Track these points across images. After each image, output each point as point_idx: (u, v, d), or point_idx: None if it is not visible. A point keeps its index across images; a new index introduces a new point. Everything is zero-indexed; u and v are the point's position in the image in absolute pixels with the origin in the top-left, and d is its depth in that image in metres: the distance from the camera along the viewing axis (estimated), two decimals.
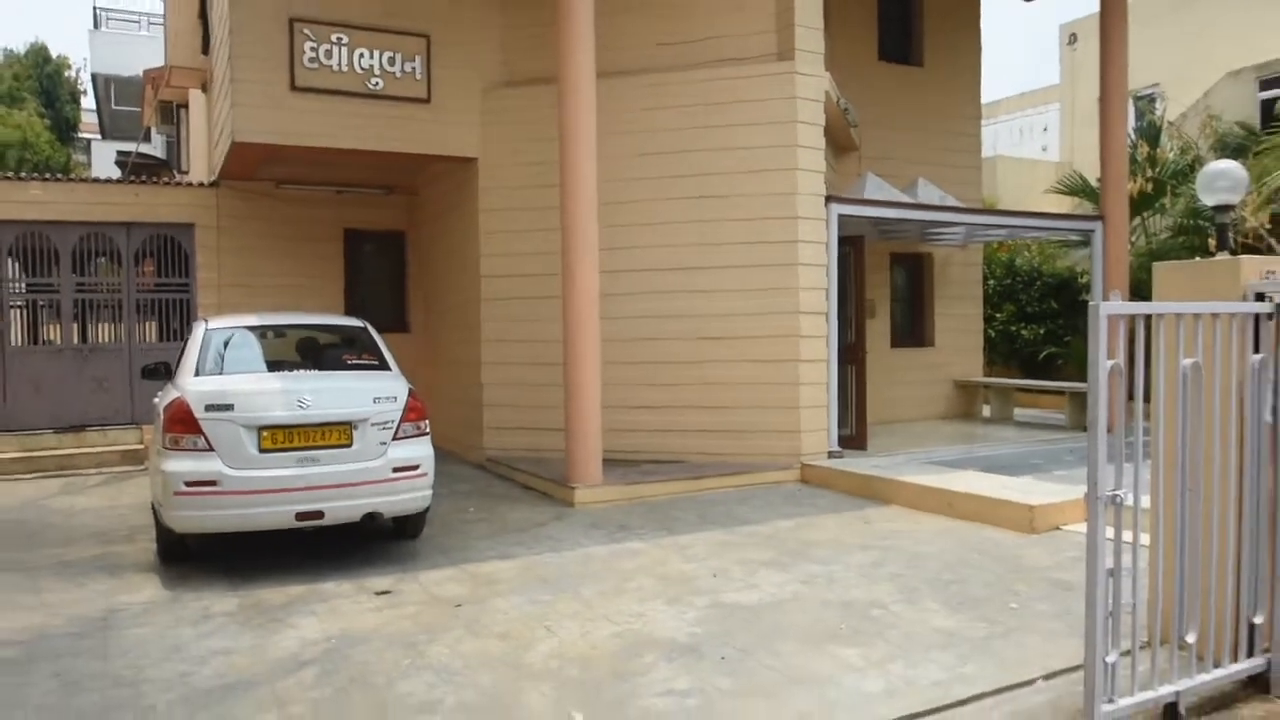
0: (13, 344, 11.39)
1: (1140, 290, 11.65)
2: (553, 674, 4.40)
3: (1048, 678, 4.20)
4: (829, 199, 9.57)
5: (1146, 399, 3.89)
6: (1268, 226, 9.26)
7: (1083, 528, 6.71)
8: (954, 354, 13.61)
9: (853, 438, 10.21)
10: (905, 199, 11.26)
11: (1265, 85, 17.99)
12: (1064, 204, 16.83)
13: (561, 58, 8.24)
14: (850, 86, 11.35)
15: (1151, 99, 22.34)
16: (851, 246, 10.38)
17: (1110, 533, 3.65)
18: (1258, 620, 4.11)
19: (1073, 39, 25.06)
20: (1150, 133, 17.04)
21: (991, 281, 16.05)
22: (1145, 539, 3.99)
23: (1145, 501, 3.95)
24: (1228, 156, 14.03)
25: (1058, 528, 7.00)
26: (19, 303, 11.68)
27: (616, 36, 9.27)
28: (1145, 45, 17.55)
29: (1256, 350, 4.34)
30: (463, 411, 10.85)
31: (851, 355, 10.36)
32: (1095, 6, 11.97)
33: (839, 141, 11.25)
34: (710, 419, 9.45)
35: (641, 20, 9.71)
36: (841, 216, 9.74)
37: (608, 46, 8.75)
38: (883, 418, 11.99)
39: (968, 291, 13.85)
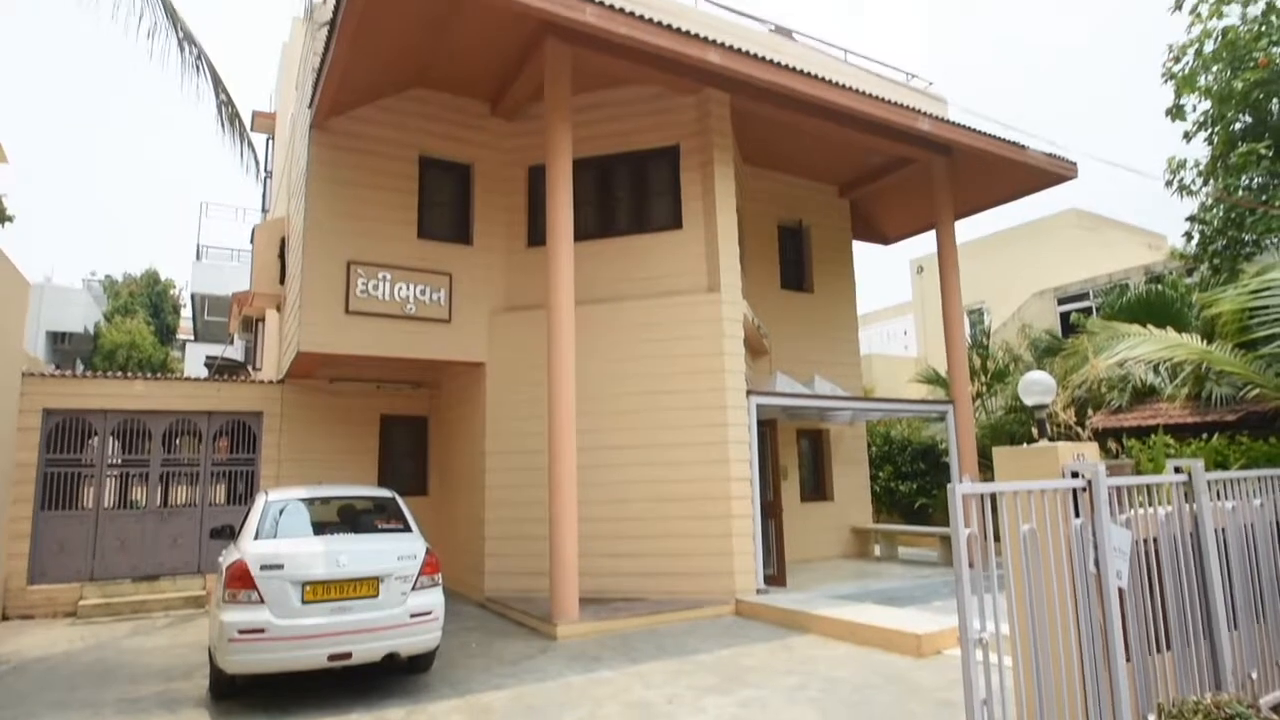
0: (105, 506, 10.89)
1: (985, 453, 11.84)
2: None
3: None
4: (749, 392, 9.72)
5: (997, 537, 3.89)
6: (1074, 419, 9.54)
7: (958, 653, 6.55)
8: (850, 506, 13.53)
9: (775, 576, 9.96)
10: (806, 391, 11.49)
11: (1061, 301, 19.04)
12: (923, 389, 17.29)
13: (549, 291, 8.49)
14: (761, 307, 11.82)
15: (980, 312, 23.54)
16: (768, 427, 10.49)
17: (980, 656, 3.56)
18: None
19: (920, 269, 26.53)
20: (981, 338, 17.80)
21: (874, 448, 16.22)
22: (1009, 661, 3.88)
23: (1005, 629, 3.87)
24: (1040, 357, 14.68)
25: (939, 652, 6.79)
26: (115, 473, 11.27)
27: (589, 275, 9.59)
28: (973, 273, 18.58)
29: (1077, 515, 4.39)
30: (468, 559, 10.45)
31: (771, 510, 10.25)
32: (934, 248, 12.74)
33: (755, 348, 11.57)
34: (664, 564, 9.17)
35: (607, 264, 10.03)
36: (759, 405, 9.88)
37: (583, 283, 9.04)
38: (797, 558, 11.76)
39: (857, 457, 13.93)
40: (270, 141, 20.77)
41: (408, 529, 6.56)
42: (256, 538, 5.97)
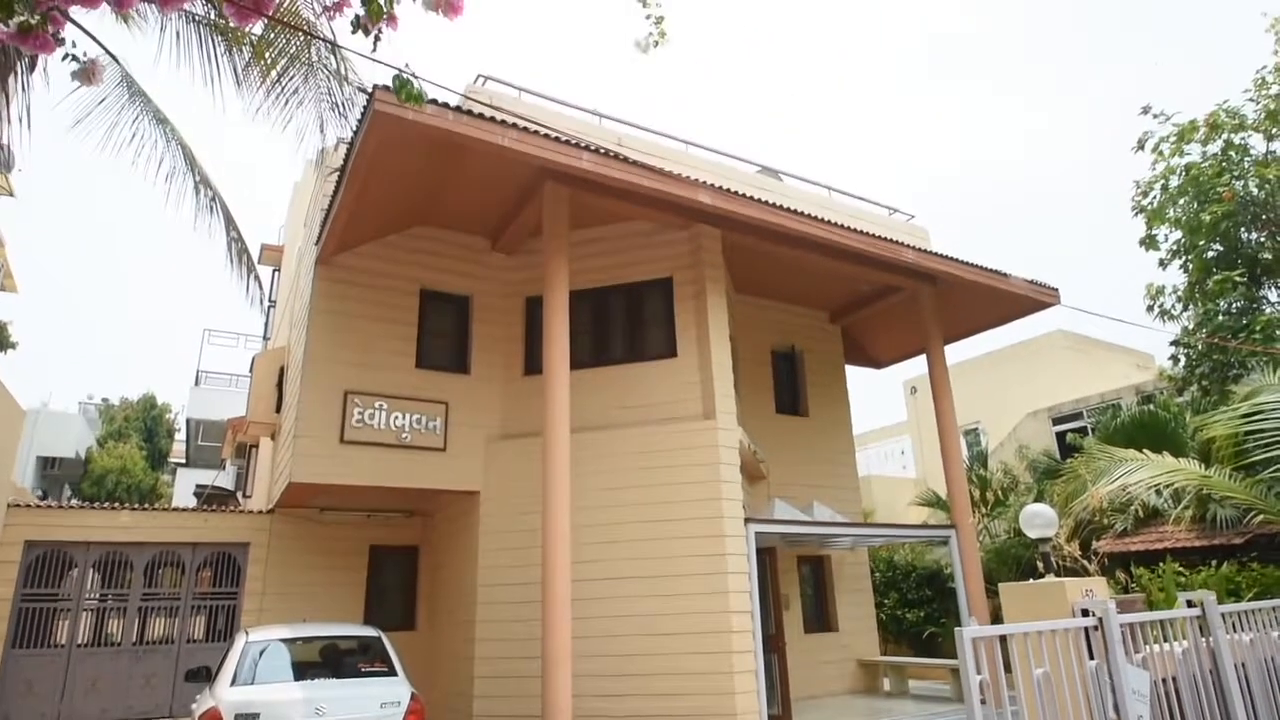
0: (80, 643, 10.41)
1: (991, 579, 11.51)
2: None
3: None
4: (748, 520, 9.53)
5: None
6: (1079, 550, 9.38)
7: None
8: (855, 635, 12.99)
9: (780, 716, 9.43)
10: (805, 518, 11.30)
11: (1056, 421, 19.08)
12: (924, 512, 17.02)
13: (545, 418, 8.51)
14: (757, 432, 11.81)
15: (976, 432, 23.55)
16: (767, 555, 10.24)
17: None
18: None
19: (914, 390, 26.74)
20: (980, 458, 17.72)
21: (877, 574, 15.76)
22: None
23: None
24: (1039, 479, 14.56)
25: None
26: (92, 606, 10.86)
27: (585, 403, 9.63)
28: (967, 393, 18.73)
29: (1091, 656, 4.24)
30: (456, 700, 9.89)
31: (774, 643, 9.84)
32: (925, 369, 12.89)
33: (752, 474, 11.47)
34: (662, 705, 8.68)
35: (603, 393, 10.11)
36: (758, 533, 9.69)
37: (578, 410, 9.06)
38: (803, 694, 11.16)
39: (860, 584, 13.51)
40: (276, 273, 21.41)
41: (392, 672, 6.28)
42: (234, 683, 5.70)
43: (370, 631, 6.96)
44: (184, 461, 32.81)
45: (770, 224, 9.65)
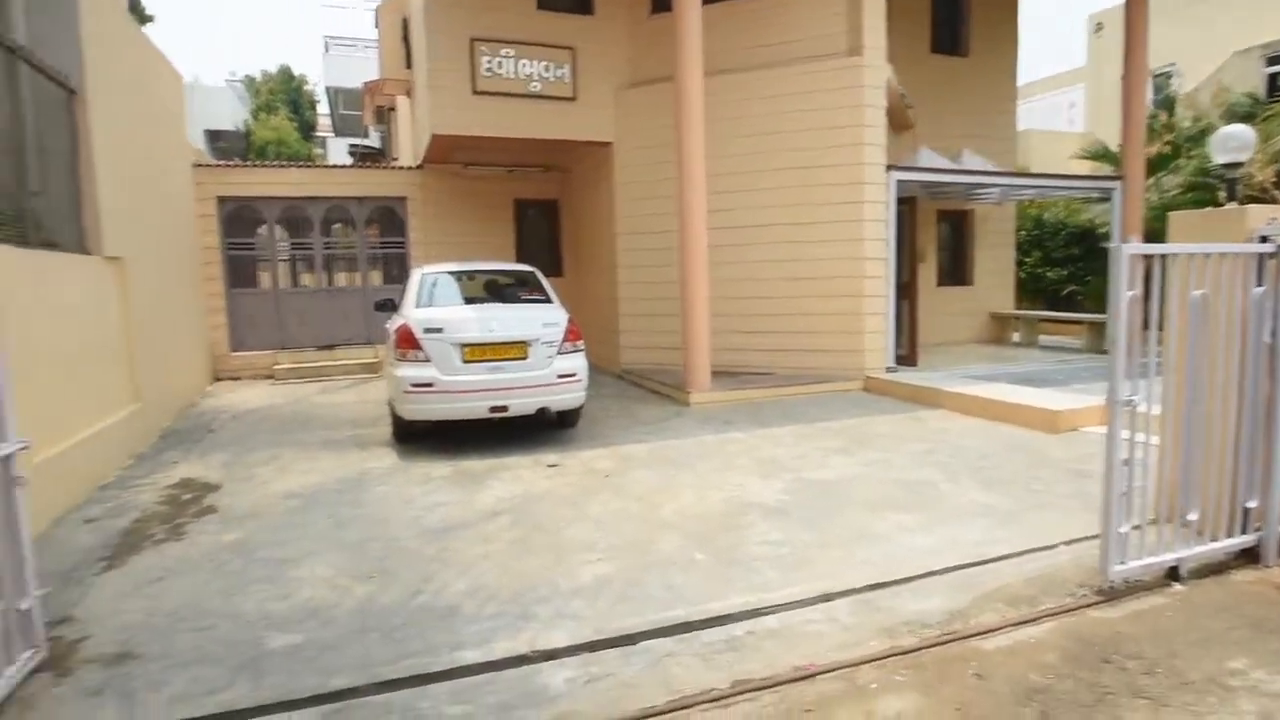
0: (281, 287, 12.14)
1: (1153, 238, 10.79)
2: (678, 526, 4.53)
3: (1068, 543, 4.09)
4: (889, 167, 9.14)
5: (1160, 326, 3.67)
6: (1273, 180, 8.36)
7: (1096, 430, 6.44)
8: (990, 291, 12.96)
9: (906, 357, 9.91)
10: (953, 166, 10.65)
11: (1270, 61, 16.11)
12: (1086, 167, 15.59)
13: (676, 63, 8.04)
14: (908, 76, 10.70)
15: (1169, 75, 20.33)
16: (907, 205, 9.93)
17: (1125, 433, 3.50)
18: (1251, 505, 3.89)
19: (1099, 27, 22.88)
20: (1167, 104, 15.54)
21: (1022, 233, 15.11)
22: (1155, 440, 3.80)
23: (1156, 409, 3.75)
24: (1236, 123, 12.72)
25: (1075, 429, 6.70)
26: (284, 258, 12.40)
27: (719, 44, 8.98)
28: (1163, 30, 15.89)
29: (1259, 284, 4.02)
30: (603, 334, 11.02)
31: (906, 291, 9.99)
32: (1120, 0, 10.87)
33: (897, 122, 10.68)
34: (793, 341, 9.33)
35: (738, 30, 9.33)
36: (899, 181, 9.31)
37: (712, 52, 8.48)
38: (931, 341, 11.59)
39: (1002, 240, 13.09)
40: None
41: (549, 301, 6.93)
42: (418, 306, 6.51)
43: (525, 267, 7.61)
44: (331, 133, 34.34)
45: None
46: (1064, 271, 14.77)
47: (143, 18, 21.93)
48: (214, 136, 33.29)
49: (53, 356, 5.15)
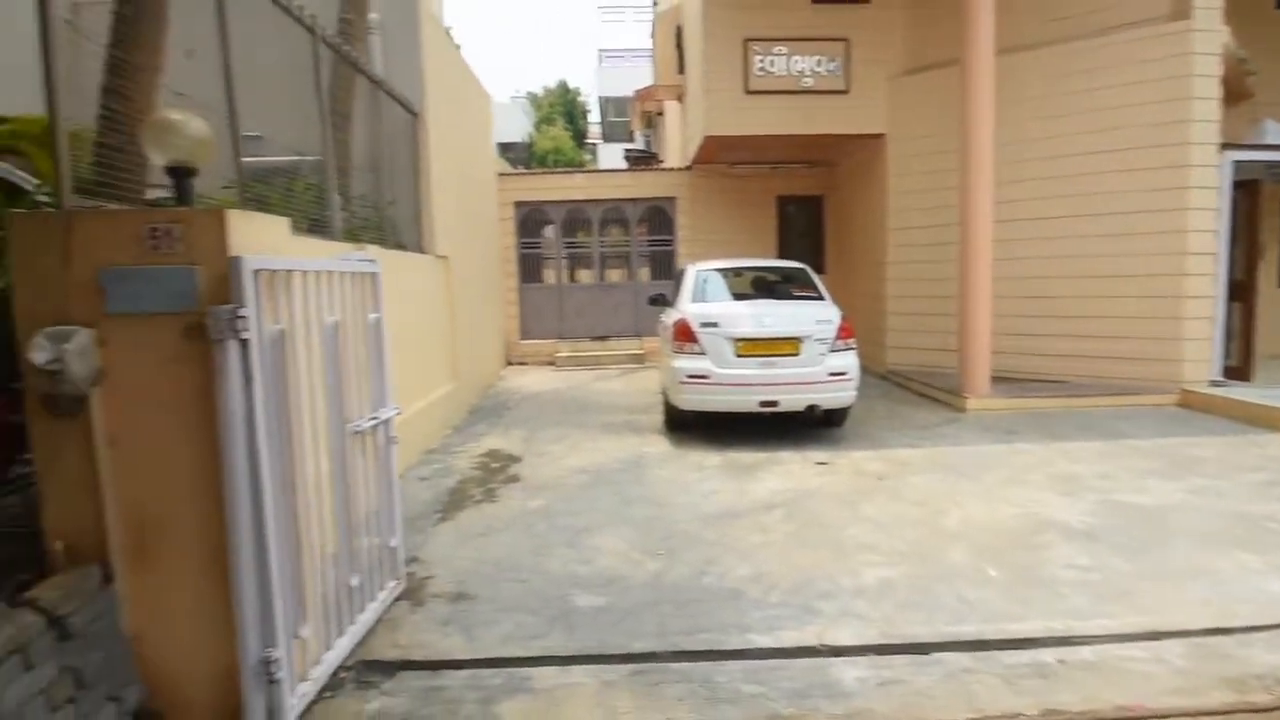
0: (561, 283, 13.33)
1: None
2: (965, 537, 4.27)
3: None
4: (1224, 146, 7.74)
5: None
6: None
7: None
8: None
9: (1237, 369, 8.35)
10: None
11: None
12: None
13: (964, 43, 7.49)
14: (1245, 34, 8.95)
15: None
16: (1244, 191, 8.34)
17: None
18: None
19: None
20: None
21: None
22: None
23: None
24: None
25: None
26: (566, 254, 13.59)
27: (1010, 17, 8.20)
28: None
29: None
30: (869, 333, 10.59)
31: (1240, 292, 8.40)
32: None
33: (1234, 91, 8.94)
34: (1089, 346, 8.30)
35: (1035, 2, 8.46)
36: (1237, 162, 7.85)
37: (1002, 27, 7.76)
38: (1271, 352, 9.64)
39: None
40: None
41: (821, 297, 6.87)
42: (694, 301, 6.80)
43: (795, 264, 7.61)
44: (600, 140, 36.92)
45: None
46: None
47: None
48: (504, 148, 37.36)
49: (404, 341, 6.16)
